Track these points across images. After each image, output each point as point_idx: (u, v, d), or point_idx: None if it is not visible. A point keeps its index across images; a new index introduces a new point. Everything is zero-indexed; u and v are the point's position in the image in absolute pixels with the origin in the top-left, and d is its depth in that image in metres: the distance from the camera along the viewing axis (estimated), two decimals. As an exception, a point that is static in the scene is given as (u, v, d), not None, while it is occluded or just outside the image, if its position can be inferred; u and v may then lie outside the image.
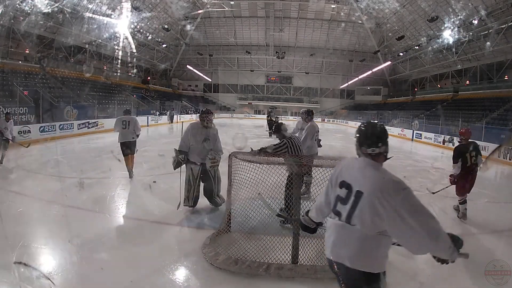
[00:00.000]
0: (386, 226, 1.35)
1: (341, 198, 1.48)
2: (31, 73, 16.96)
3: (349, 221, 1.42)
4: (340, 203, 1.48)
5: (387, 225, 1.34)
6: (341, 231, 1.45)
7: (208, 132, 4.06)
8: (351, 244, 1.40)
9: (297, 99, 38.04)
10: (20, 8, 15.89)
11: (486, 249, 3.44)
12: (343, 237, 1.44)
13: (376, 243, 1.39)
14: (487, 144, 11.53)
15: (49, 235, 3.34)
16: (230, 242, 3.07)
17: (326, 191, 1.62)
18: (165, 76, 36.33)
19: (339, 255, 1.44)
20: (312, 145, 4.93)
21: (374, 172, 1.43)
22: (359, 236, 1.39)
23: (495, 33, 18.20)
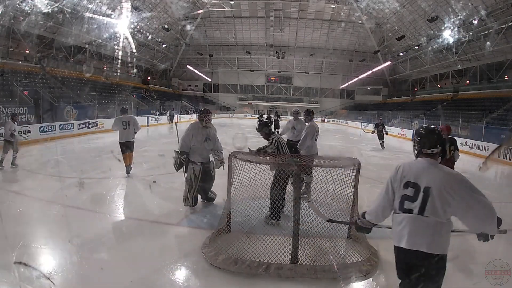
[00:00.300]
0: (455, 212, 1.63)
1: (409, 197, 1.69)
2: (31, 73, 16.97)
3: (422, 213, 1.64)
4: (407, 201, 1.69)
5: (456, 211, 1.62)
6: (416, 223, 1.66)
7: (208, 132, 4.13)
8: (427, 232, 1.63)
9: (297, 99, 38.03)
10: (20, 8, 15.88)
11: (486, 249, 3.44)
12: (419, 228, 1.65)
13: (445, 228, 1.66)
14: (487, 144, 11.54)
15: (49, 235, 3.34)
16: (230, 242, 3.07)
17: (385, 196, 1.81)
18: (165, 76, 36.33)
19: (416, 243, 1.65)
20: (312, 145, 4.94)
21: (437, 169, 1.70)
22: (433, 225, 1.63)
23: (495, 33, 18.19)
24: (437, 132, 1.80)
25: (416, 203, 1.66)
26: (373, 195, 5.26)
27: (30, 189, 4.91)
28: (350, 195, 3.13)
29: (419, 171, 1.70)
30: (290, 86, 38.49)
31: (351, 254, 2.96)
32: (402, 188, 1.72)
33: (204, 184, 4.17)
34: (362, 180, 3.42)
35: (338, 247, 3.00)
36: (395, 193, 1.76)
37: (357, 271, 2.72)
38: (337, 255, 2.92)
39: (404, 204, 1.70)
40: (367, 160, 8.58)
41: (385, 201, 1.81)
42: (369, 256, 2.92)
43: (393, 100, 32.36)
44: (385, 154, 10.99)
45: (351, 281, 2.64)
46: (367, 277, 2.68)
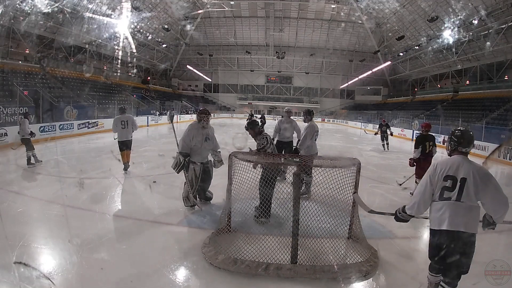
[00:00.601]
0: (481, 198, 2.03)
1: (448, 187, 2.07)
2: (31, 73, 16.97)
3: (459, 200, 2.03)
4: (447, 191, 2.08)
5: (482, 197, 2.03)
6: (455, 208, 2.04)
7: (207, 132, 4.14)
8: (464, 215, 2.02)
9: (297, 99, 38.03)
10: (20, 8, 15.88)
11: (486, 249, 3.44)
12: (457, 212, 2.03)
13: (476, 211, 2.05)
14: (487, 144, 11.53)
15: (49, 235, 3.34)
16: (229, 242, 3.07)
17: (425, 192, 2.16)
18: (165, 76, 36.33)
19: (456, 224, 2.01)
20: (312, 145, 4.93)
21: (470, 164, 2.10)
22: (468, 209, 2.03)
23: (495, 33, 18.19)
24: (471, 134, 2.24)
25: (453, 192, 2.05)
26: (373, 195, 5.31)
27: (30, 189, 4.91)
28: (350, 195, 3.12)
29: (456, 166, 2.09)
30: (290, 86, 38.50)
31: (351, 254, 2.96)
32: (442, 181, 2.09)
33: (203, 184, 4.18)
34: (362, 180, 3.43)
35: (338, 247, 3.00)
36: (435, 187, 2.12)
37: (357, 271, 2.71)
38: (337, 255, 2.91)
39: (443, 194, 2.08)
40: (367, 160, 8.58)
41: (426, 196, 2.16)
42: (369, 257, 2.92)
43: (393, 100, 32.36)
44: (385, 154, 10.99)
45: (351, 282, 2.64)
46: (367, 278, 2.68)
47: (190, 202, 4.05)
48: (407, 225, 4.00)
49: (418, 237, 3.76)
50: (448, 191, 2.06)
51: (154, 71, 33.80)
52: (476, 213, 2.06)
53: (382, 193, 5.38)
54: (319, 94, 38.01)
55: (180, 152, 3.98)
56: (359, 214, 3.33)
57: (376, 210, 2.77)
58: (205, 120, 4.12)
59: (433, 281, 2.28)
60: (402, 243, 3.47)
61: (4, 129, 9.44)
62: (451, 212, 2.03)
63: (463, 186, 2.03)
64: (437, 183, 2.11)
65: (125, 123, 6.14)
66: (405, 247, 3.35)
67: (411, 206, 2.24)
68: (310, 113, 5.11)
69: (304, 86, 38.12)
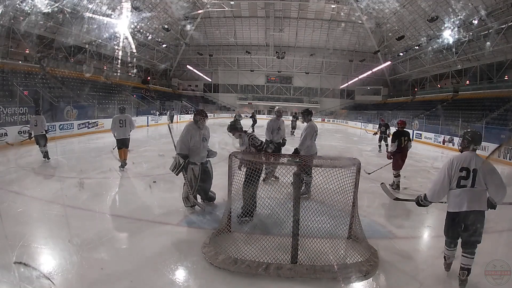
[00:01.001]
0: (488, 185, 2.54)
1: (463, 177, 2.57)
2: (31, 73, 16.96)
3: (473, 186, 2.54)
4: (463, 180, 2.56)
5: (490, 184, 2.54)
6: (471, 193, 2.54)
7: (204, 132, 4.14)
8: (478, 198, 2.54)
9: (297, 99, 38.03)
10: (20, 8, 15.88)
11: (486, 249, 3.44)
12: (473, 196, 2.53)
13: (485, 194, 2.57)
14: (487, 144, 11.52)
15: (49, 235, 3.34)
16: (230, 242, 3.07)
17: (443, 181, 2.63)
18: (165, 76, 36.32)
19: (474, 206, 2.52)
20: (311, 145, 4.92)
21: (478, 158, 2.59)
22: (480, 193, 2.55)
23: (495, 33, 18.19)
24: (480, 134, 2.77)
25: (468, 180, 2.55)
26: (373, 195, 5.30)
27: (30, 189, 4.91)
28: (350, 195, 3.13)
29: (468, 159, 2.59)
30: (290, 86, 38.47)
31: (351, 254, 2.96)
32: (458, 172, 2.58)
33: (203, 184, 4.17)
34: (362, 180, 3.43)
35: (338, 247, 3.00)
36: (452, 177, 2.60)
37: (357, 271, 2.72)
38: (337, 255, 2.91)
39: (460, 182, 2.57)
40: (367, 160, 8.58)
41: (445, 185, 2.63)
42: (369, 257, 2.92)
43: (393, 100, 32.35)
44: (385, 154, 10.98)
45: (351, 281, 2.64)
46: (367, 277, 2.68)
47: (190, 203, 4.04)
48: (407, 225, 4.01)
49: (418, 237, 3.76)
50: (464, 179, 2.57)
51: (154, 71, 33.79)
52: (485, 195, 2.58)
53: (382, 193, 5.36)
54: (319, 94, 37.99)
55: (179, 154, 3.92)
56: (359, 214, 3.33)
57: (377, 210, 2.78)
58: (202, 121, 4.12)
59: (450, 255, 2.76)
60: (402, 243, 3.47)
61: (4, 129, 9.44)
62: (468, 196, 2.54)
63: (475, 175, 2.54)
64: (454, 174, 2.59)
65: (123, 122, 6.44)
66: (405, 247, 3.35)
67: (431, 194, 2.71)
68: (309, 113, 5.09)
69: (304, 86, 38.10)
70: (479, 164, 2.55)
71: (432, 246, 3.58)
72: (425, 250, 3.46)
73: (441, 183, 2.63)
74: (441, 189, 2.64)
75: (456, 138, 13.62)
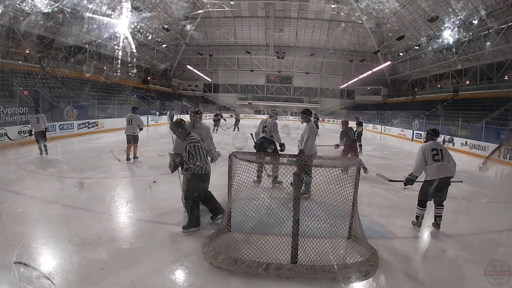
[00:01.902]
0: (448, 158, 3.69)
1: (436, 154, 3.67)
2: (31, 73, 16.96)
3: (443, 160, 3.65)
4: (436, 156, 3.66)
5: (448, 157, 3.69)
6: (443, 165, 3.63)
7: (200, 132, 4.06)
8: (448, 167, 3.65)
9: (297, 99, 38.03)
10: (20, 8, 15.87)
11: (486, 249, 3.44)
12: (445, 166, 3.63)
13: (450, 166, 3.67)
14: (487, 144, 11.53)
15: (49, 235, 3.34)
16: (229, 242, 3.07)
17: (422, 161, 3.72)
18: (165, 76, 36.32)
19: (445, 173, 3.62)
20: (312, 145, 4.91)
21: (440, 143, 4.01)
22: (448, 164, 3.64)
23: (495, 33, 18.18)
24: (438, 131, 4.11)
25: (439, 156, 3.68)
26: (373, 195, 5.30)
27: (30, 189, 4.90)
28: (350, 195, 3.13)
29: (435, 144, 3.81)
30: (290, 86, 38.48)
31: (351, 254, 2.96)
32: (431, 151, 3.71)
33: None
34: (362, 180, 3.43)
35: (338, 247, 3.00)
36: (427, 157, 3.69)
37: (357, 271, 2.72)
38: (337, 255, 2.91)
39: (434, 158, 3.67)
40: (367, 160, 8.57)
41: (423, 163, 3.72)
42: (369, 256, 2.92)
43: (393, 100, 32.35)
44: (385, 155, 10.99)
45: (351, 281, 2.64)
46: (367, 277, 2.68)
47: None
48: (407, 225, 4.01)
49: (418, 237, 3.76)
50: (436, 156, 3.68)
51: (154, 71, 33.79)
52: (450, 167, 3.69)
53: (382, 193, 5.38)
54: (319, 94, 37.99)
55: (170, 153, 3.96)
56: (359, 214, 3.33)
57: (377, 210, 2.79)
58: (195, 120, 4.10)
59: (423, 214, 3.80)
60: (402, 243, 3.48)
61: (4, 129, 9.44)
62: (442, 167, 3.64)
63: (442, 153, 3.70)
64: (428, 155, 3.70)
65: (130, 121, 7.08)
66: (405, 247, 3.35)
67: (415, 169, 3.77)
68: (310, 113, 5.08)
69: (304, 86, 38.11)
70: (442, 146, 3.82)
71: (432, 246, 3.58)
72: (425, 250, 3.46)
73: (420, 161, 3.72)
74: (421, 165, 3.72)
75: (456, 138, 13.63)
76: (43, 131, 7.65)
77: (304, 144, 4.82)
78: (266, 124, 5.50)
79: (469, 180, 7.22)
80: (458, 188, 6.26)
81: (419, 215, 3.78)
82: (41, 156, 7.56)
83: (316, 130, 4.97)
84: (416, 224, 3.82)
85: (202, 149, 3.43)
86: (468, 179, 7.31)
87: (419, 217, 3.78)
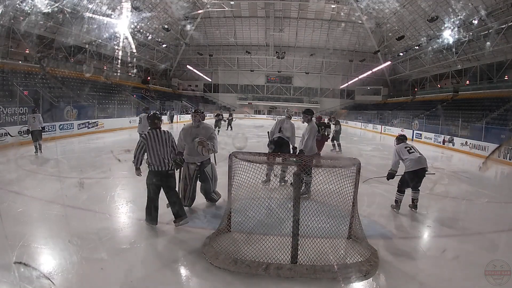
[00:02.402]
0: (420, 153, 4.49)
1: (409, 150, 4.41)
2: (31, 73, 16.95)
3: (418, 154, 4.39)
4: (410, 151, 4.39)
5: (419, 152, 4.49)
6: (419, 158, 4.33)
7: (198, 131, 4.06)
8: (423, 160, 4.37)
9: (297, 99, 38.02)
10: (20, 8, 15.87)
11: (486, 249, 3.44)
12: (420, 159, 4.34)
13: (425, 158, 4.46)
14: (487, 144, 11.53)
15: (49, 235, 3.34)
16: (230, 242, 3.07)
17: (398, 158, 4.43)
18: (165, 76, 36.31)
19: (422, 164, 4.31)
20: (312, 146, 4.92)
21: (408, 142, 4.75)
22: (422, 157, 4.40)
23: (495, 33, 18.18)
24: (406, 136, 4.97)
25: (413, 150, 4.40)
26: (373, 195, 5.29)
27: (30, 189, 4.90)
28: (350, 195, 3.13)
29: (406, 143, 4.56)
30: (290, 86, 38.46)
31: (351, 254, 2.96)
32: (404, 149, 4.42)
33: (202, 184, 4.19)
34: (362, 180, 3.43)
35: (338, 247, 3.00)
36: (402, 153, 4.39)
37: (357, 271, 2.71)
38: (337, 255, 2.91)
39: (409, 152, 4.37)
40: (367, 160, 8.57)
41: (398, 159, 4.43)
42: (369, 256, 2.92)
43: (393, 100, 32.33)
44: (385, 155, 10.98)
45: (351, 281, 2.64)
46: (367, 277, 2.68)
47: (185, 202, 4.04)
48: (407, 225, 4.01)
49: (418, 237, 3.76)
50: (410, 150, 4.40)
51: (154, 71, 33.78)
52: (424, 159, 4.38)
53: (382, 193, 5.38)
54: (319, 94, 37.96)
55: None
56: (359, 214, 3.33)
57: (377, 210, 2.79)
58: (194, 119, 4.10)
59: (401, 199, 4.44)
60: (402, 243, 3.48)
61: (4, 129, 9.44)
62: (418, 160, 4.32)
63: (414, 148, 4.47)
64: (403, 152, 4.41)
65: (141, 120, 7.64)
66: (405, 247, 3.35)
67: (393, 165, 4.50)
68: (311, 113, 5.08)
69: (304, 86, 38.09)
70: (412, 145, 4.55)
71: (432, 246, 3.58)
72: (425, 250, 3.46)
73: (395, 158, 4.47)
74: (397, 161, 4.46)
75: (457, 138, 13.63)
76: (39, 130, 7.95)
77: (304, 144, 4.83)
78: (283, 125, 5.53)
79: (469, 180, 7.22)
80: (458, 188, 6.27)
81: (398, 200, 4.45)
82: (36, 154, 7.75)
83: (317, 130, 4.98)
84: (396, 207, 4.45)
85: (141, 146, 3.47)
86: (468, 179, 7.32)
87: (398, 201, 4.44)
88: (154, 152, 3.45)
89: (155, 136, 3.48)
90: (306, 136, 4.85)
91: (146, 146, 3.46)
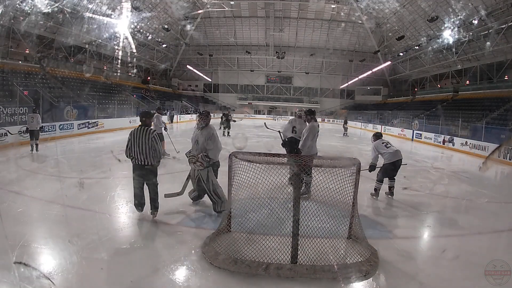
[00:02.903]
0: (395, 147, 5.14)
1: (386, 144, 5.02)
2: (31, 73, 16.95)
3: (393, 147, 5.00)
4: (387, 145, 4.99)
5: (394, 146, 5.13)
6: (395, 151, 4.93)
7: (200, 133, 4.06)
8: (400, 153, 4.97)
9: (297, 99, 38.03)
10: (20, 8, 15.87)
11: (486, 249, 3.44)
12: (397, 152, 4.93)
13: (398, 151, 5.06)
14: (487, 144, 11.53)
15: (49, 235, 3.34)
16: (230, 242, 3.07)
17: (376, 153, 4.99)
18: (165, 76, 36.32)
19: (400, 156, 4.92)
20: (312, 145, 4.92)
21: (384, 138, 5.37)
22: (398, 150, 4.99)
23: (495, 33, 18.18)
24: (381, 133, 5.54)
25: (389, 145, 5.00)
26: (373, 195, 5.25)
27: (30, 189, 4.90)
28: (350, 195, 3.13)
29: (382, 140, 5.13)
30: (290, 86, 38.48)
31: (351, 254, 2.96)
32: (382, 144, 4.99)
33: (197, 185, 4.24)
34: (362, 180, 3.43)
35: (338, 247, 3.00)
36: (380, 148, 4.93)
37: (357, 271, 2.72)
38: (337, 255, 2.91)
39: (386, 146, 4.95)
40: (367, 160, 8.56)
41: (377, 153, 4.93)
42: (369, 256, 2.92)
43: (393, 100, 32.34)
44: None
45: (351, 281, 2.64)
46: (367, 277, 2.68)
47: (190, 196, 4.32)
48: (407, 225, 4.01)
49: (418, 237, 3.76)
50: (387, 145, 4.94)
51: (154, 71, 33.78)
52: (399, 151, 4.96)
53: (382, 193, 5.38)
54: (319, 94, 37.98)
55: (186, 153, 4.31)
56: (359, 214, 3.33)
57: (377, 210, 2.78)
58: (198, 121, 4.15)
59: (380, 187, 4.94)
60: (402, 243, 3.47)
61: (4, 129, 9.44)
62: (395, 153, 4.85)
63: (390, 143, 4.99)
64: (380, 147, 4.93)
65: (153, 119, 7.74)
66: (405, 247, 3.35)
67: (373, 159, 4.99)
68: (312, 112, 5.09)
69: (304, 86, 38.10)
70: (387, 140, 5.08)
71: (432, 246, 3.58)
72: (425, 250, 3.46)
73: (374, 153, 4.96)
74: (376, 155, 4.94)
75: (457, 138, 13.63)
76: (37, 129, 8.22)
77: (302, 143, 4.84)
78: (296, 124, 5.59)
79: (469, 180, 7.22)
80: (458, 188, 6.28)
81: (377, 188, 4.95)
82: (32, 152, 7.98)
83: (317, 130, 4.98)
84: (375, 195, 4.96)
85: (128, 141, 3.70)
86: (468, 179, 7.32)
87: (377, 190, 4.95)
88: (134, 147, 3.66)
89: (138, 132, 3.69)
90: (305, 136, 4.86)
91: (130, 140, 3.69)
